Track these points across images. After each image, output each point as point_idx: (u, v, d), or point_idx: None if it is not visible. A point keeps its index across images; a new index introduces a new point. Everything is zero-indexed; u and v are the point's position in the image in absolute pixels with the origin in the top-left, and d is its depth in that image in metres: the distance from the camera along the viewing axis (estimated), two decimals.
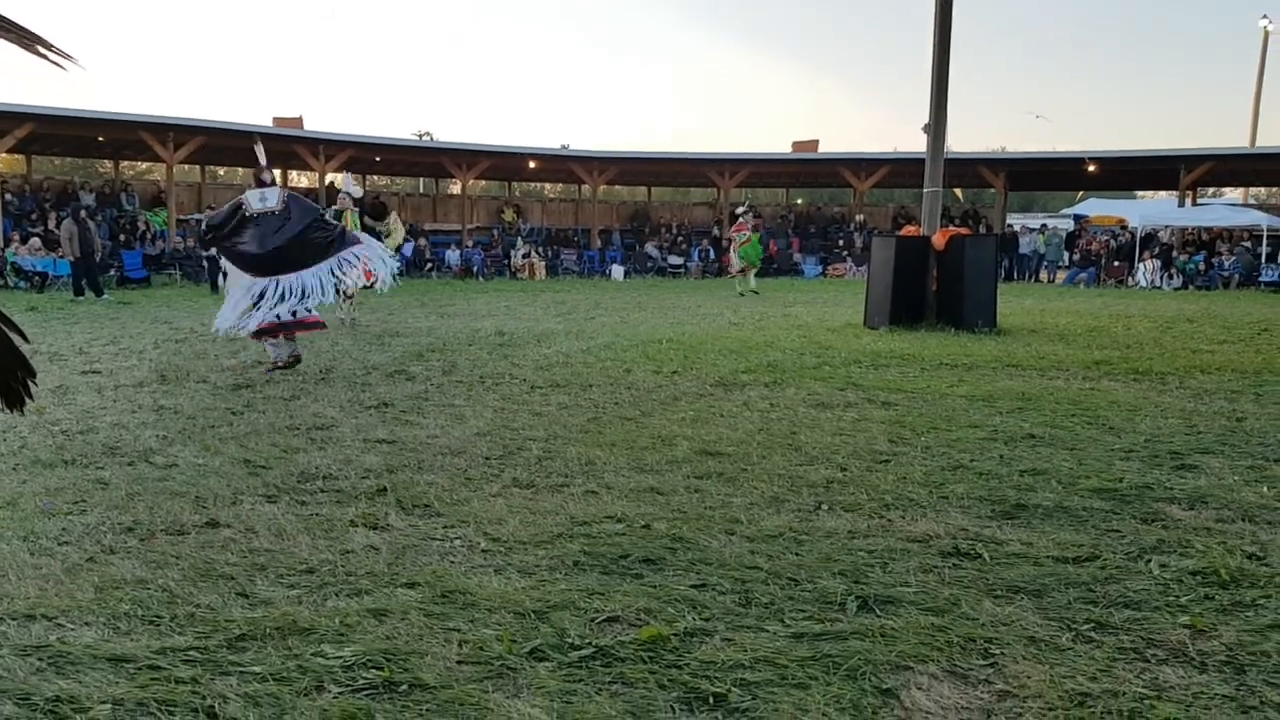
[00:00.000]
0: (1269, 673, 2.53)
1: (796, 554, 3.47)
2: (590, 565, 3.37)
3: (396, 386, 7.21)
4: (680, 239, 29.59)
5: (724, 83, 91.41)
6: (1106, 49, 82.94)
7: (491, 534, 3.72)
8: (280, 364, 7.81)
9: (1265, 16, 36.66)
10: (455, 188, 34.01)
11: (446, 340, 10.34)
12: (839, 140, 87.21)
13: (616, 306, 15.70)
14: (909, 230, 13.44)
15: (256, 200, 7.92)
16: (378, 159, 29.54)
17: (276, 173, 11.29)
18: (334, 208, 12.32)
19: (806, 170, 31.38)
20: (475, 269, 25.37)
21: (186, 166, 29.14)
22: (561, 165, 30.47)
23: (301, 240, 7.83)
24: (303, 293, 7.74)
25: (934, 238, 11.96)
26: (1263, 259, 24.47)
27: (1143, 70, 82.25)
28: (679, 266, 28.16)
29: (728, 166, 29.66)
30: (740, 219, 20.01)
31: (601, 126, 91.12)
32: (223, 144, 24.72)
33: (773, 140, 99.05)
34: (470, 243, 27.65)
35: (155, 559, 3.38)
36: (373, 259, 8.40)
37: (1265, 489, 4.32)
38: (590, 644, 2.74)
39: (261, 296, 7.70)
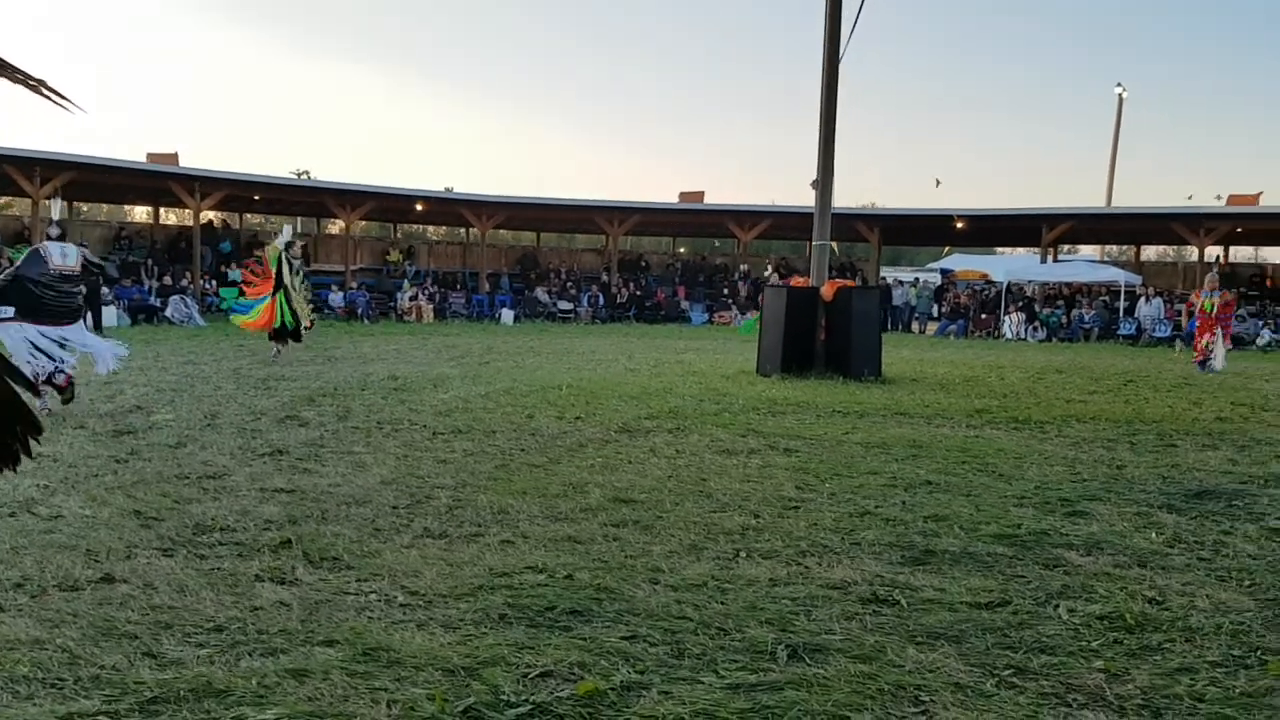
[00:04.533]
0: (1184, 715, 2.64)
1: (722, 603, 3.48)
2: (516, 618, 3.30)
3: (289, 433, 6.96)
4: (570, 284, 29.66)
5: (611, 132, 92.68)
6: (975, 109, 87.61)
7: (409, 587, 3.61)
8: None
9: (1120, 84, 39.49)
10: (334, 228, 33.33)
11: (337, 385, 10.05)
12: (721, 192, 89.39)
13: (510, 351, 15.57)
14: (797, 281, 13.80)
15: (57, 255, 7.76)
16: (256, 198, 28.70)
17: (148, 209, 11.54)
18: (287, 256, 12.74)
19: (693, 220, 31.95)
20: (360, 311, 24.82)
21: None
22: (450, 208, 30.21)
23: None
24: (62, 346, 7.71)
25: (823, 289, 12.32)
26: (1120, 313, 26.03)
27: (1006, 131, 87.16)
28: (569, 312, 28.19)
29: (617, 214, 29.94)
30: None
31: (486, 171, 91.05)
32: (93, 180, 23.63)
33: (660, 191, 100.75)
34: (354, 284, 27.07)
35: (50, 617, 3.15)
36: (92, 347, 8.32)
37: (1154, 535, 4.55)
38: (527, 700, 2.67)
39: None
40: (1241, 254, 31.55)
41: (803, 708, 2.65)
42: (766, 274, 20.97)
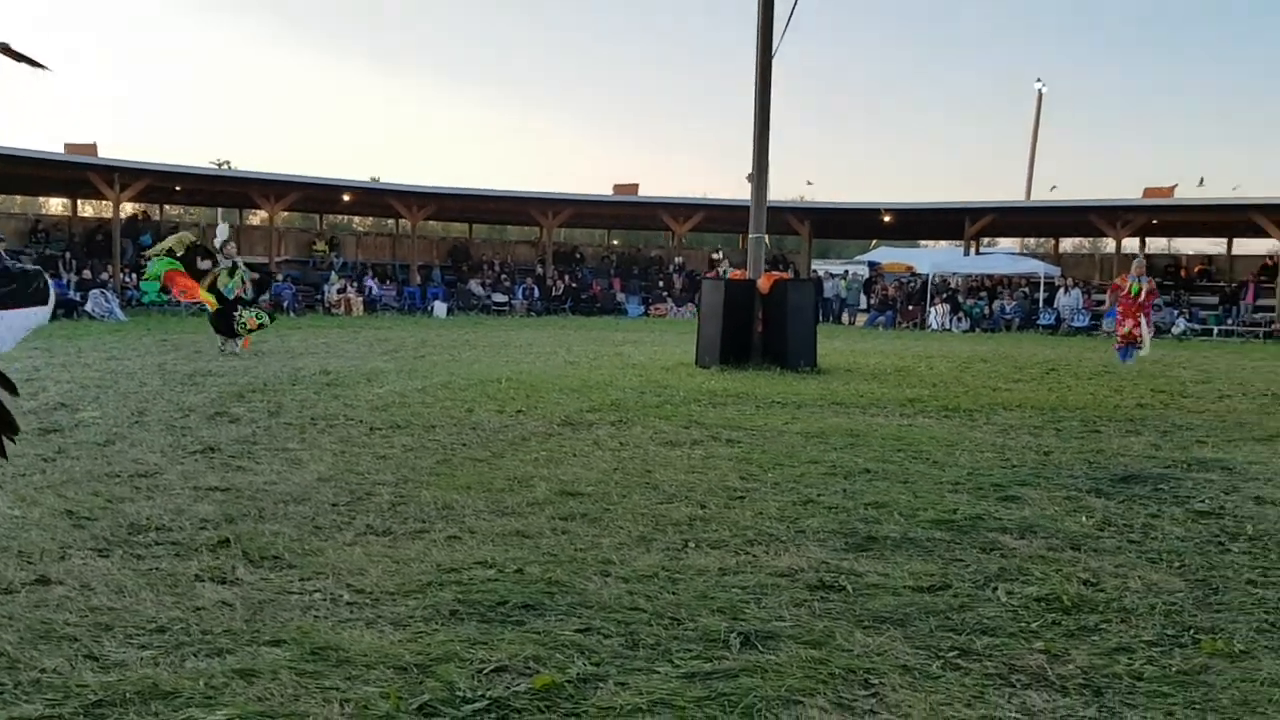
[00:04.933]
0: (1124, 694, 2.74)
1: (674, 593, 3.50)
2: (467, 614, 3.28)
3: (220, 429, 6.80)
4: (504, 276, 29.47)
5: (545, 124, 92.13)
6: (899, 103, 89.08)
7: (354, 585, 3.56)
8: None
9: (1040, 80, 40.56)
10: (257, 218, 32.64)
11: (267, 380, 9.84)
12: (655, 185, 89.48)
13: (445, 344, 15.42)
14: (736, 274, 13.92)
15: None
16: (178, 188, 27.97)
17: (65, 201, 11.59)
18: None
19: (628, 212, 31.99)
20: (286, 304, 24.32)
21: None
22: (378, 199, 29.81)
23: None
24: None
25: (759, 282, 12.45)
26: (1040, 304, 26.76)
27: (930, 125, 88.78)
28: (504, 304, 28.02)
29: (550, 206, 29.84)
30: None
31: (416, 161, 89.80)
32: (6, 171, 22.78)
33: (595, 183, 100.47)
34: (280, 276, 26.52)
35: None
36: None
37: (1084, 519, 4.69)
38: (483, 696, 2.66)
39: None
40: (1155, 245, 32.62)
41: (757, 694, 2.69)
42: (718, 258, 21.16)
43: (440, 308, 26.42)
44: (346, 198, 29.57)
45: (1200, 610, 3.42)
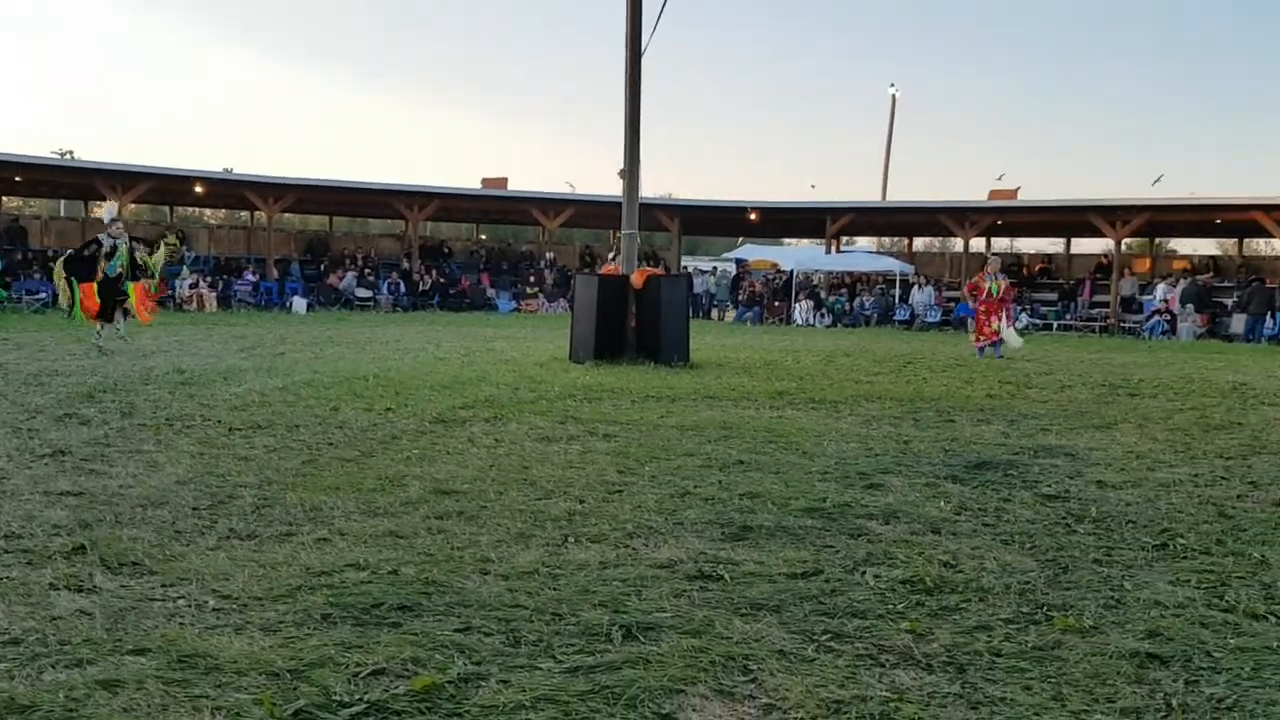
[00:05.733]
0: (986, 670, 2.89)
1: (554, 589, 3.50)
2: (341, 617, 3.19)
3: (70, 431, 6.42)
4: (368, 271, 28.72)
5: (409, 116, 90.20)
6: (763, 103, 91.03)
7: (220, 591, 3.42)
8: None
9: (893, 84, 42.17)
10: (101, 211, 30.86)
11: (117, 379, 9.34)
12: (524, 180, 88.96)
13: (306, 341, 14.94)
14: (609, 270, 13.98)
15: None
16: (18, 179, 26.20)
17: None
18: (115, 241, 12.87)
19: (497, 207, 31.67)
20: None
21: None
22: (233, 190, 28.65)
23: None
24: None
25: (633, 277, 12.54)
26: (896, 300, 27.86)
27: (791, 125, 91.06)
28: (368, 299, 27.31)
29: (416, 199, 29.25)
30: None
31: (273, 152, 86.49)
32: None
33: (462, 176, 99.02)
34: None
35: None
36: None
37: (943, 503, 4.92)
38: (361, 699, 2.60)
39: None
40: (1000, 244, 34.35)
41: (640, 685, 2.72)
42: (611, 256, 21.14)
43: (300, 303, 25.57)
44: (199, 189, 28.31)
45: (1052, 589, 3.64)
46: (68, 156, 37.18)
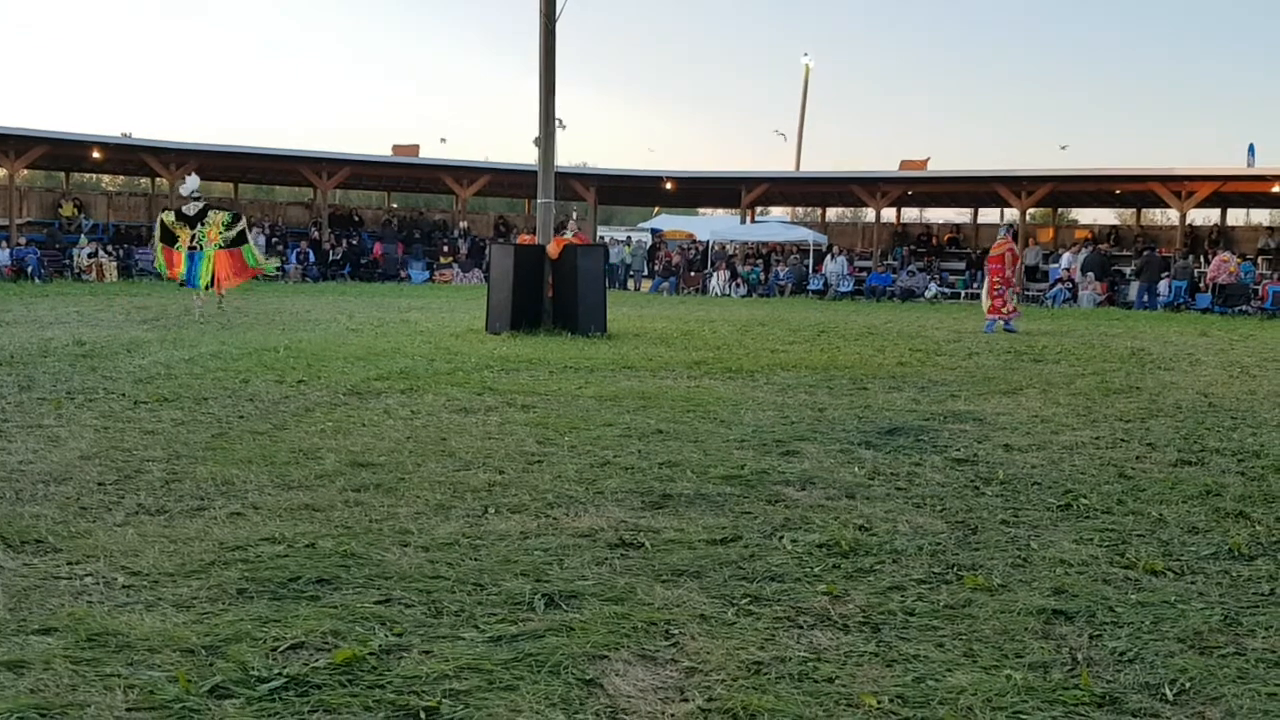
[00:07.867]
0: (899, 629, 2.98)
1: (475, 559, 3.49)
2: (257, 592, 3.14)
3: None
4: (276, 240, 27.92)
5: (318, 79, 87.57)
6: (681, 74, 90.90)
7: (129, 567, 3.33)
8: None
9: (806, 54, 42.51)
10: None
11: (13, 352, 8.95)
12: (438, 148, 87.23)
13: (211, 312, 14.49)
14: (525, 239, 13.85)
15: None
16: None
17: None
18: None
19: (409, 174, 31.04)
20: (30, 270, 22.10)
21: None
22: (133, 156, 27.47)
23: None
24: None
25: (549, 247, 12.45)
26: (810, 270, 28.23)
27: (707, 97, 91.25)
28: (277, 269, 26.54)
29: (325, 166, 28.48)
30: None
31: (172, 114, 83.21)
32: None
33: (373, 143, 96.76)
34: (22, 240, 24.01)
35: None
36: None
37: (857, 469, 5.04)
38: (279, 674, 2.56)
39: None
40: (909, 215, 35.03)
41: (564, 652, 2.73)
42: (567, 226, 20.86)
43: None
44: (96, 155, 27.11)
45: (962, 549, 3.77)
46: None
